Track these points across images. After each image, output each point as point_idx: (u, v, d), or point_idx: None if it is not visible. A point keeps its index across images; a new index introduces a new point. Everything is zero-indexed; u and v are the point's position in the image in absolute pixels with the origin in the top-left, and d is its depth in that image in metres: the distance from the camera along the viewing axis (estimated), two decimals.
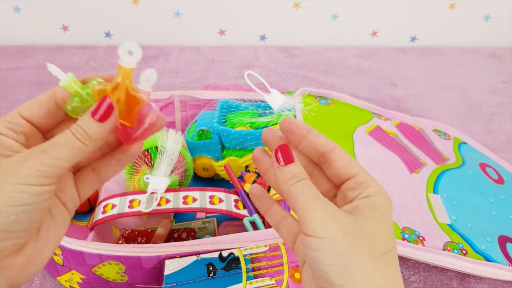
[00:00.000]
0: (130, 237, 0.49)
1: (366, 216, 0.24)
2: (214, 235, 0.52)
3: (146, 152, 0.51)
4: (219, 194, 0.48)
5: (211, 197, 0.47)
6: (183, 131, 0.63)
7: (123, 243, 0.48)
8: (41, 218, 0.24)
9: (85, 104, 0.25)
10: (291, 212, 0.30)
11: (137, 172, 0.51)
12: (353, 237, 0.23)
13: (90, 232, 0.47)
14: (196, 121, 0.58)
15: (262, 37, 0.95)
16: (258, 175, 0.51)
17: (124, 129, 0.26)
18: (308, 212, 0.23)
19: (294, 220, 0.28)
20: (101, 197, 0.50)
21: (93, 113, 0.24)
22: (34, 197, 0.23)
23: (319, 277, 0.23)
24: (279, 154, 0.26)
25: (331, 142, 0.27)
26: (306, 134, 0.27)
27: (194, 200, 0.47)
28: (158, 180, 0.47)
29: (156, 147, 0.50)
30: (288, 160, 0.25)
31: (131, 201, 0.46)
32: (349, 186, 0.26)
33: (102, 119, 0.24)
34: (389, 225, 0.24)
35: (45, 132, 0.27)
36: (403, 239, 0.45)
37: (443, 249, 0.46)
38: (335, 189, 0.28)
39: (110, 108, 0.25)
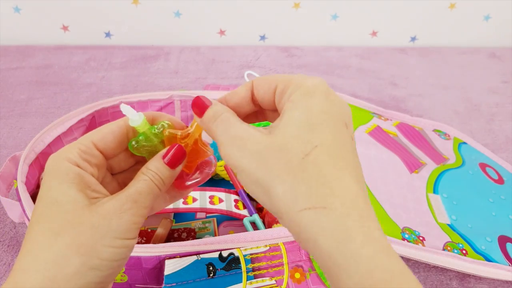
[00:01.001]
0: None
1: (283, 123, 0.22)
2: (214, 235, 0.52)
3: None
4: (219, 194, 0.48)
5: (211, 197, 0.47)
6: None
7: None
8: None
9: (149, 143, 0.26)
10: None
11: None
12: (267, 157, 0.21)
13: None
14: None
15: (262, 37, 0.95)
16: None
17: (181, 175, 0.27)
18: (222, 148, 0.23)
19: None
20: None
21: (164, 157, 0.25)
22: (129, 251, 0.23)
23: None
24: (195, 107, 0.25)
25: (247, 84, 0.26)
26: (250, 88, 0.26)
27: (194, 200, 0.47)
28: None
29: None
30: (204, 107, 0.24)
31: None
32: (276, 101, 0.24)
33: (174, 165, 0.25)
34: (313, 117, 0.22)
35: (107, 159, 0.26)
36: (403, 239, 0.45)
37: (443, 249, 0.46)
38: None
39: (182, 156, 0.25)
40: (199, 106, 0.24)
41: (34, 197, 0.46)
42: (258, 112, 0.27)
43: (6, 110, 0.73)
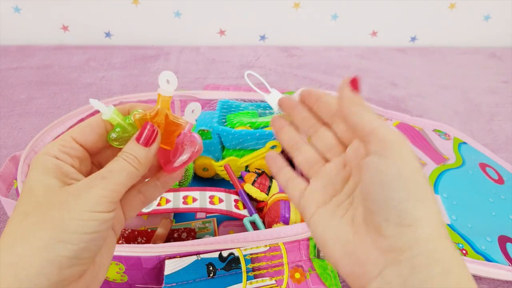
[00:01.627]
0: (130, 237, 0.49)
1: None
2: (214, 235, 0.52)
3: None
4: (219, 194, 0.48)
5: (211, 197, 0.47)
6: None
7: (123, 243, 0.48)
8: (104, 243, 0.25)
9: (127, 133, 0.27)
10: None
11: None
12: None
13: None
14: (196, 121, 0.58)
15: (262, 37, 0.95)
16: (258, 175, 0.51)
17: (164, 154, 0.28)
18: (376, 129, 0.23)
19: (302, 181, 0.29)
20: None
21: (138, 139, 0.26)
22: (102, 224, 0.23)
23: (385, 207, 0.22)
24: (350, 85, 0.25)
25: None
26: (322, 95, 0.29)
27: (194, 200, 0.47)
28: None
29: None
30: (357, 87, 0.25)
31: None
32: (369, 139, 0.24)
33: (147, 143, 0.26)
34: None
35: (93, 155, 0.27)
36: None
37: None
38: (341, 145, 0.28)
39: (153, 133, 0.26)
40: (357, 83, 0.25)
41: None
42: None
43: (6, 110, 0.73)
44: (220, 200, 0.47)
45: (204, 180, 0.60)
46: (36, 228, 0.22)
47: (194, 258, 0.40)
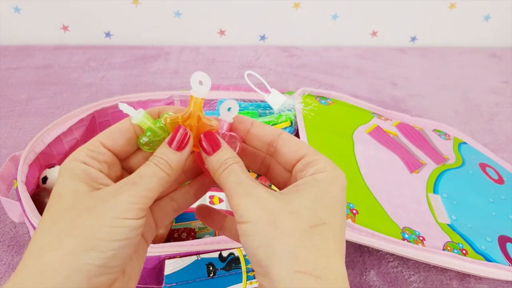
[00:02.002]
0: None
1: (300, 193, 0.23)
2: (214, 235, 0.51)
3: None
4: (219, 194, 0.48)
5: (211, 197, 0.47)
6: None
7: None
8: (134, 252, 0.24)
9: (157, 137, 0.26)
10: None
11: None
12: (277, 216, 0.22)
13: None
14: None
15: (262, 37, 0.95)
16: (258, 175, 0.51)
17: (201, 157, 0.27)
18: (234, 199, 0.23)
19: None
20: None
21: (170, 143, 0.25)
22: (132, 231, 0.22)
23: (252, 262, 0.23)
24: (205, 142, 0.25)
25: (276, 130, 0.27)
26: (249, 127, 0.27)
27: None
28: None
29: None
30: (215, 146, 0.25)
31: None
32: (298, 168, 0.25)
33: (180, 148, 0.25)
34: (328, 200, 0.23)
35: (123, 160, 0.27)
36: (403, 239, 0.45)
37: (443, 249, 0.46)
38: (290, 180, 0.27)
39: (185, 137, 0.25)
40: (211, 144, 0.25)
41: (34, 197, 0.46)
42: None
43: (6, 110, 0.73)
44: (220, 200, 0.47)
45: None
46: (64, 235, 0.21)
47: (194, 258, 0.40)
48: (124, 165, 0.27)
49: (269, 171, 0.28)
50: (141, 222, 0.23)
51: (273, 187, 0.51)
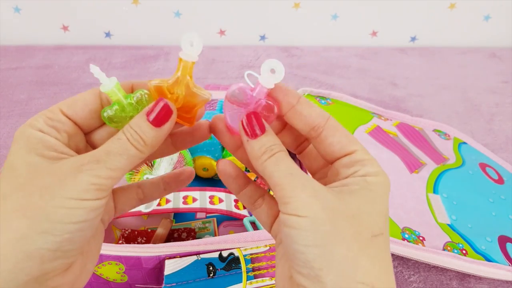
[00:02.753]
0: (130, 237, 0.49)
1: (355, 195, 0.21)
2: (214, 235, 0.52)
3: None
4: (219, 194, 0.48)
5: (211, 197, 0.47)
6: None
7: (123, 243, 0.48)
8: (92, 234, 0.22)
9: (124, 113, 0.23)
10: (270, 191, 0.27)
11: (137, 172, 0.51)
12: (338, 216, 0.20)
13: None
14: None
15: (262, 37, 0.95)
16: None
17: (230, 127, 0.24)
18: (286, 190, 0.21)
19: (272, 200, 0.25)
20: None
21: (148, 114, 0.22)
22: (90, 213, 0.20)
23: (295, 259, 0.20)
24: (247, 125, 0.22)
25: (324, 113, 0.23)
26: (295, 103, 0.23)
27: (194, 200, 0.47)
28: None
29: None
30: (260, 130, 0.22)
31: None
32: (343, 163, 0.23)
33: (159, 123, 0.22)
34: (383, 208, 0.22)
35: (87, 132, 0.24)
36: (403, 239, 0.45)
37: (443, 249, 0.46)
38: (326, 167, 0.25)
39: (167, 112, 0.22)
40: (258, 124, 0.23)
41: None
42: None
43: (6, 110, 0.73)
44: (220, 200, 0.47)
45: (204, 180, 0.60)
46: (15, 216, 0.19)
47: (194, 258, 0.40)
48: (88, 139, 0.24)
49: (303, 154, 0.25)
50: (102, 202, 0.21)
51: None
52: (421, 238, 0.46)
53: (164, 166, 0.49)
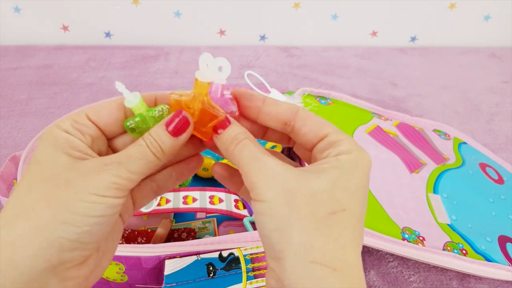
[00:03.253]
0: (130, 237, 0.49)
1: (321, 174, 0.22)
2: (214, 235, 0.52)
3: None
4: (219, 194, 0.48)
5: (211, 197, 0.47)
6: None
7: (123, 243, 0.48)
8: (110, 230, 0.23)
9: (146, 125, 0.24)
10: None
11: None
12: (295, 198, 0.21)
13: None
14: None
15: (262, 37, 0.95)
16: None
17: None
18: (250, 175, 0.22)
19: None
20: None
21: (167, 125, 0.23)
22: (109, 209, 0.22)
23: (264, 244, 0.22)
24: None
25: (292, 107, 0.24)
26: (260, 105, 0.24)
27: (194, 200, 0.47)
28: None
29: None
30: (221, 127, 0.24)
31: None
32: (319, 148, 0.24)
33: (176, 133, 0.23)
34: (350, 184, 0.22)
35: (110, 138, 0.26)
36: (403, 239, 0.45)
37: (443, 249, 0.46)
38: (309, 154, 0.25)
39: (185, 123, 0.24)
40: (218, 125, 0.24)
41: None
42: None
43: (6, 110, 0.73)
44: (220, 200, 0.47)
45: (204, 180, 0.60)
46: (39, 206, 0.21)
47: (194, 258, 0.40)
48: (110, 144, 0.26)
49: (294, 147, 0.27)
50: (120, 201, 0.22)
51: None
52: (421, 238, 0.46)
53: None
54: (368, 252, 0.53)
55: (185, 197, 0.47)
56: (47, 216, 0.20)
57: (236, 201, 0.48)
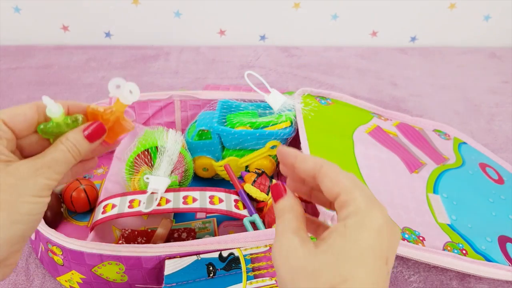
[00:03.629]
0: (130, 237, 0.49)
1: (328, 247, 0.22)
2: (214, 235, 0.52)
3: (146, 152, 0.51)
4: (219, 194, 0.48)
5: (211, 197, 0.47)
6: (183, 131, 0.63)
7: (123, 243, 0.48)
8: None
9: (59, 130, 0.28)
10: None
11: (137, 172, 0.51)
12: (299, 275, 0.22)
13: (90, 232, 0.47)
14: (196, 121, 0.58)
15: (262, 37, 0.95)
16: (258, 175, 0.51)
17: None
18: (272, 250, 0.24)
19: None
20: (101, 197, 0.50)
21: (85, 130, 0.28)
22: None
23: None
24: (273, 193, 0.27)
25: (317, 162, 0.25)
26: (294, 161, 0.26)
27: (194, 200, 0.47)
28: (158, 180, 0.47)
29: (156, 147, 0.50)
30: (277, 197, 0.26)
31: (131, 201, 0.46)
32: (336, 208, 0.24)
33: (93, 139, 0.28)
34: (355, 251, 0.21)
35: (18, 138, 0.29)
36: (403, 239, 0.45)
37: (443, 249, 0.46)
38: None
39: (102, 132, 0.29)
40: (276, 193, 0.27)
41: None
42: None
43: None
44: (220, 200, 0.47)
45: (204, 180, 0.60)
46: None
47: (194, 258, 0.40)
48: (19, 141, 0.29)
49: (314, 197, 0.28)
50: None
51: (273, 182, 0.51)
52: (421, 238, 0.46)
53: (164, 166, 0.49)
54: None
55: (185, 197, 0.47)
56: (1, 218, 0.25)
57: (236, 201, 0.48)
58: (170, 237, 0.50)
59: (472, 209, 0.53)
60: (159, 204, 0.46)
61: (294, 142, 0.58)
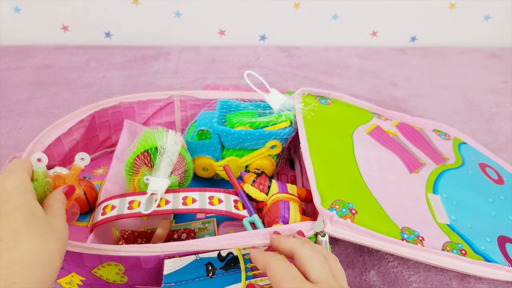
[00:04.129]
0: (130, 238, 0.49)
1: None
2: (214, 235, 0.52)
3: (146, 153, 0.51)
4: (219, 194, 0.48)
5: (211, 197, 0.47)
6: (183, 131, 0.63)
7: (123, 244, 0.48)
8: None
9: (40, 188, 0.37)
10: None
11: (136, 173, 0.51)
12: None
13: (90, 233, 0.47)
14: (196, 121, 0.58)
15: (262, 37, 0.95)
16: (258, 175, 0.51)
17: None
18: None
19: None
20: (100, 198, 0.50)
21: (63, 189, 0.38)
22: None
23: None
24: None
25: (291, 248, 0.36)
26: (277, 245, 0.38)
27: (194, 201, 0.47)
28: (158, 181, 0.47)
29: (156, 148, 0.50)
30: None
31: (131, 202, 0.46)
32: None
33: (68, 195, 0.38)
34: None
35: None
36: (402, 239, 0.45)
37: (443, 249, 0.46)
38: None
39: (72, 190, 0.39)
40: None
41: None
42: None
43: (6, 110, 0.73)
44: (220, 201, 0.47)
45: (204, 180, 0.60)
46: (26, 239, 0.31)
47: (193, 257, 0.40)
48: None
49: None
50: None
51: (273, 182, 0.50)
52: (420, 238, 0.46)
53: (164, 167, 0.49)
54: (368, 252, 0.53)
55: (184, 198, 0.47)
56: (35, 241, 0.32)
57: (235, 201, 0.48)
58: (170, 238, 0.50)
59: (472, 209, 0.53)
60: (158, 205, 0.46)
61: (294, 142, 0.58)
